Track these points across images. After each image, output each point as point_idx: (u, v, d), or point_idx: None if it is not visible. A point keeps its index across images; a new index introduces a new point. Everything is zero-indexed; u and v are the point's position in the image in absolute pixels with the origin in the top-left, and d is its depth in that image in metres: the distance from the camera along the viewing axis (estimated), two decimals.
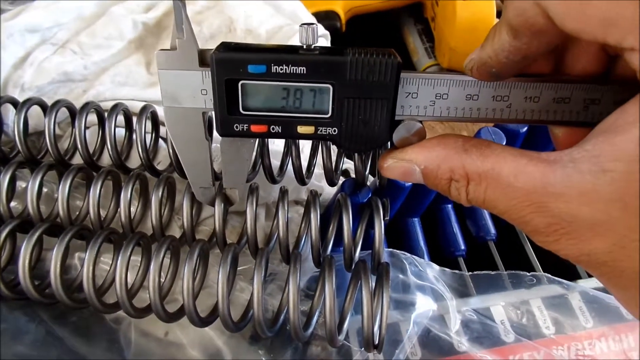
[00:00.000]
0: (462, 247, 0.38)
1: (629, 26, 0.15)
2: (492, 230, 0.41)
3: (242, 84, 0.23)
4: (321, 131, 0.24)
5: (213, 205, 0.28)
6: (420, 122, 0.23)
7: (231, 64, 0.22)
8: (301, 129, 0.24)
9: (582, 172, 0.17)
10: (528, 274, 0.32)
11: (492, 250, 0.37)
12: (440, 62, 0.59)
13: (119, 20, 0.40)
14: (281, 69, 0.22)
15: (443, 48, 0.56)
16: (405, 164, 0.22)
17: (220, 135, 0.24)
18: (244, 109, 0.23)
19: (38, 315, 0.28)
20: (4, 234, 0.27)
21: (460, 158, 0.20)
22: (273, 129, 0.24)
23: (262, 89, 0.23)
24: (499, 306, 0.31)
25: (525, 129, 0.36)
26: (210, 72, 0.23)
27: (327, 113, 0.23)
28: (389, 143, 0.24)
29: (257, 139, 0.27)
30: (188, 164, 0.26)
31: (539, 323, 0.31)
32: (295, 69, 0.22)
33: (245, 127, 0.24)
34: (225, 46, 0.23)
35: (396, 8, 0.62)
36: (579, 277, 0.37)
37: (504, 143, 0.33)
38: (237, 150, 0.26)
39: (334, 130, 0.23)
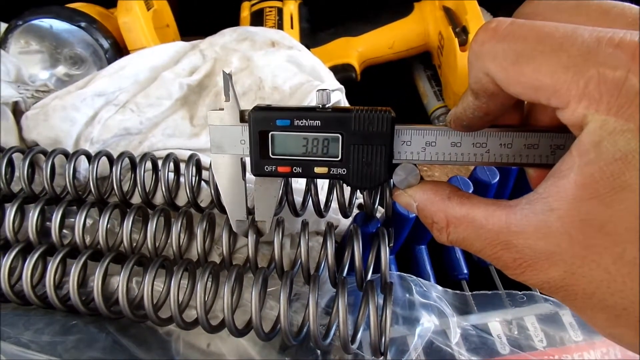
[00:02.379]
0: (465, 271, 0.42)
1: (550, 90, 0.19)
2: None
3: (271, 134, 0.28)
4: (333, 171, 0.29)
5: (247, 236, 0.34)
6: (415, 164, 0.29)
7: (264, 119, 0.28)
8: (317, 170, 0.29)
9: (536, 212, 0.20)
10: (520, 292, 0.36)
11: (492, 273, 0.41)
12: (447, 105, 0.65)
13: (168, 83, 0.48)
14: (302, 123, 0.28)
15: (449, 92, 0.62)
16: (408, 197, 0.27)
17: (254, 175, 0.30)
18: (272, 154, 0.29)
19: (105, 328, 0.33)
20: (81, 262, 0.34)
21: (444, 204, 0.24)
22: (295, 169, 0.29)
23: (287, 138, 0.28)
24: (496, 322, 0.35)
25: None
26: (247, 126, 0.29)
27: (338, 157, 0.28)
28: (392, 181, 0.30)
29: (283, 179, 0.33)
30: (228, 200, 0.33)
31: (532, 337, 0.34)
32: (312, 122, 0.28)
33: (273, 168, 0.29)
34: (259, 107, 0.29)
35: (407, 57, 0.69)
36: None
37: (471, 190, 0.39)
38: (267, 188, 0.32)
39: (344, 171, 0.29)
